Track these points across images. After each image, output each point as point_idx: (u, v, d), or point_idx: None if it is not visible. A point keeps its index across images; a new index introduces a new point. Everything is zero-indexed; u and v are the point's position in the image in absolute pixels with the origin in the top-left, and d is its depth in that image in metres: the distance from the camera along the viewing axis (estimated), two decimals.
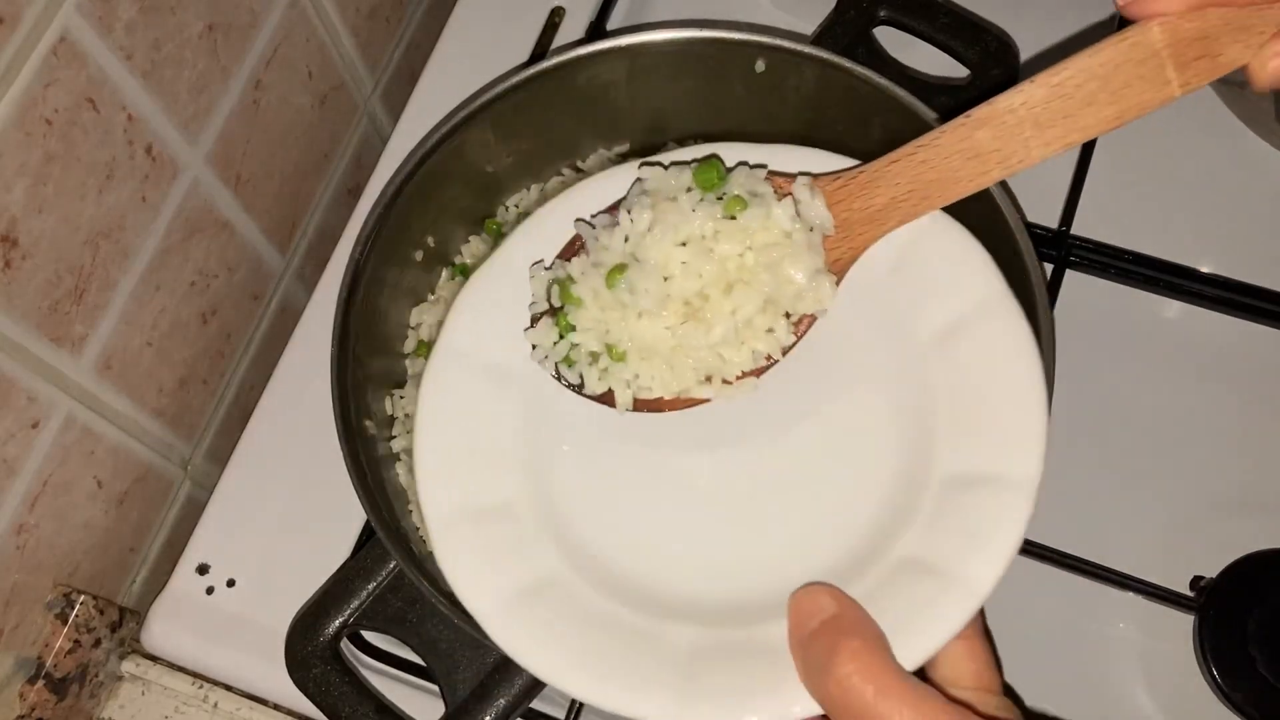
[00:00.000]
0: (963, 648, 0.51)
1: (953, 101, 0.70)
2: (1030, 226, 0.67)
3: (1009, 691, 0.67)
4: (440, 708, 0.62)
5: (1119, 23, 0.48)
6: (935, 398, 0.58)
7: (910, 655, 0.49)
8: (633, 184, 0.61)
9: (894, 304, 0.59)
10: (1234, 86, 0.78)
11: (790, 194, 0.57)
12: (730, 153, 0.61)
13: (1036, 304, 0.64)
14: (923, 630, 0.50)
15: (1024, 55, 0.72)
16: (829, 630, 0.48)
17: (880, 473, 0.58)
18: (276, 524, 0.73)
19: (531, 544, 0.58)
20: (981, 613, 0.52)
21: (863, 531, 0.57)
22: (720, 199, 0.57)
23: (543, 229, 0.62)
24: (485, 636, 0.54)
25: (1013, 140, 0.51)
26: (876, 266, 0.59)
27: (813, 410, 0.60)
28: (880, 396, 0.59)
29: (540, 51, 0.84)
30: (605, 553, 0.58)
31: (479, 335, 0.61)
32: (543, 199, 0.77)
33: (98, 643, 0.69)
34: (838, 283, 0.57)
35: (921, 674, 0.50)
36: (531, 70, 0.69)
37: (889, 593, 0.53)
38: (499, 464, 0.59)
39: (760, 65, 0.70)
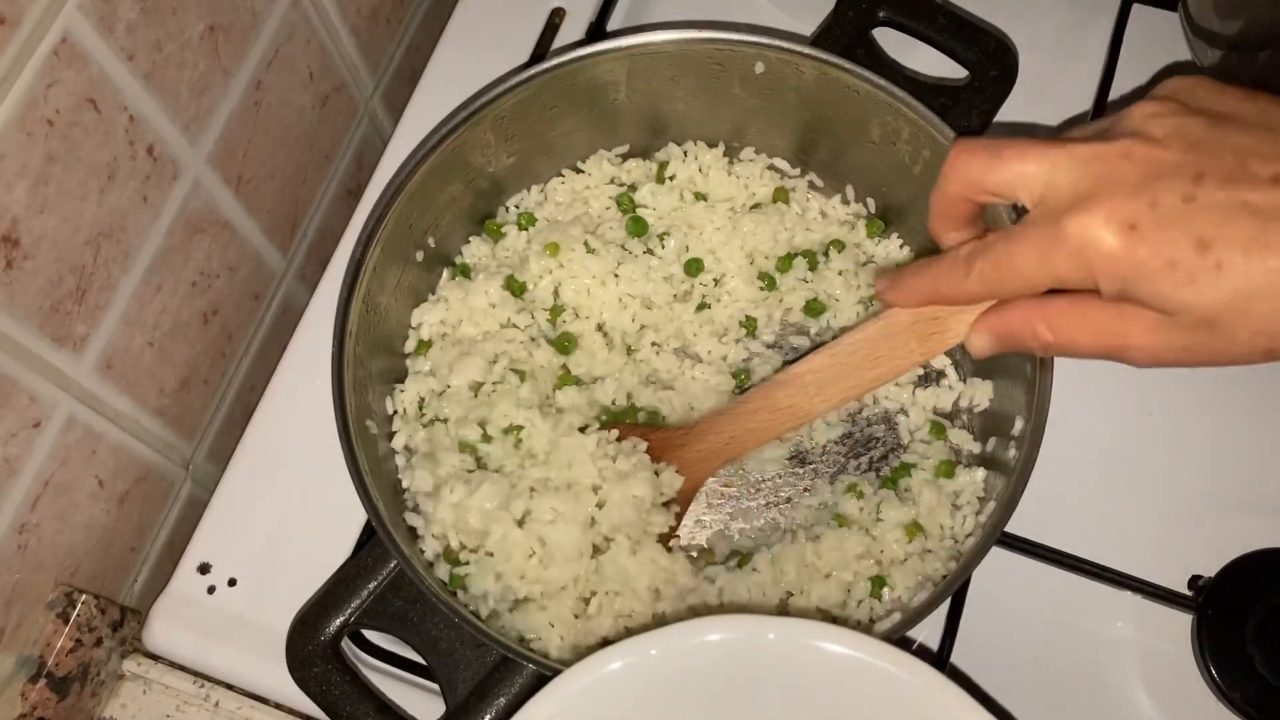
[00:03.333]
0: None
1: (951, 102, 0.71)
2: None
3: (1005, 692, 0.67)
4: (440, 707, 0.62)
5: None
6: None
7: None
8: None
9: None
10: None
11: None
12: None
13: None
14: None
15: (1022, 56, 0.72)
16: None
17: None
18: (277, 523, 0.73)
19: None
20: None
21: None
22: None
23: None
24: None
25: (802, 397, 0.65)
26: None
27: None
28: None
29: (540, 52, 0.84)
30: None
31: None
32: (543, 199, 0.77)
33: (99, 642, 0.70)
34: (680, 514, 0.69)
35: None
36: (531, 71, 0.69)
37: None
38: None
39: (760, 66, 0.70)
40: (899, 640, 0.61)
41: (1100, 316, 0.49)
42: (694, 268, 0.75)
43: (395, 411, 0.71)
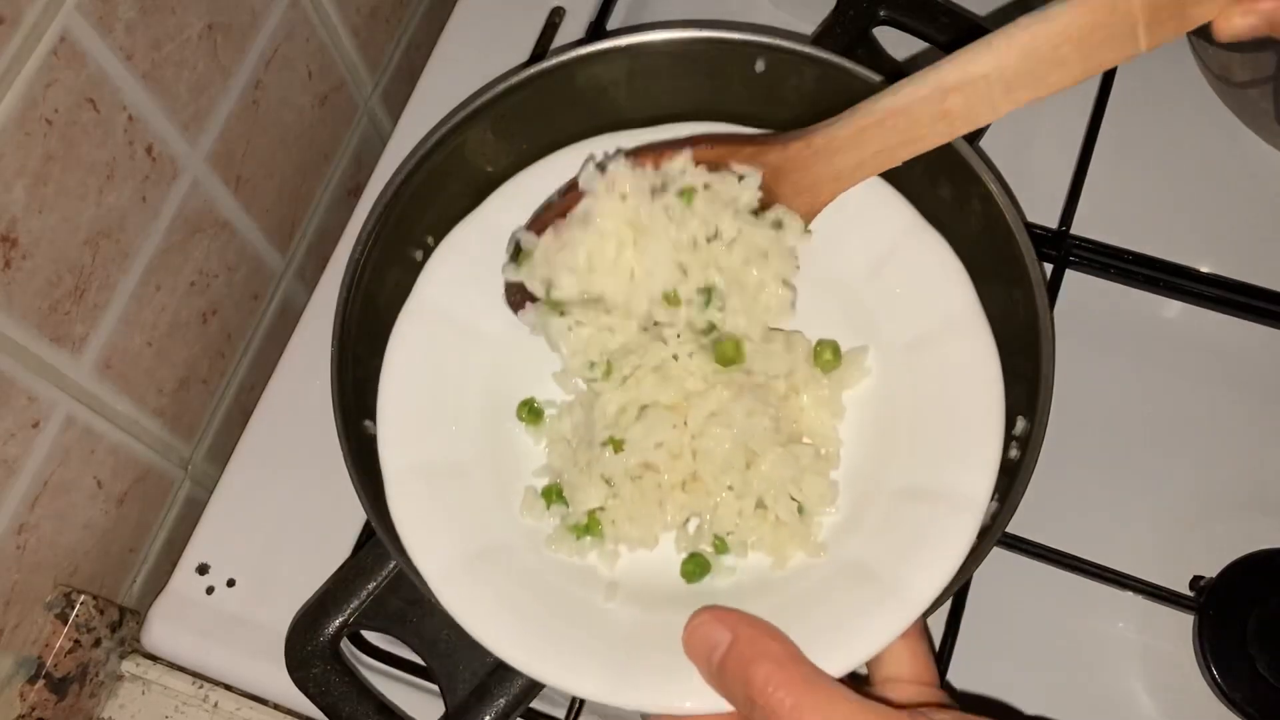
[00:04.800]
0: (902, 646, 0.52)
1: None
2: (1030, 226, 0.67)
3: (1005, 692, 0.67)
4: (440, 708, 0.62)
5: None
6: (896, 407, 0.58)
7: (846, 658, 0.50)
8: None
9: (867, 309, 0.60)
10: (1234, 87, 0.78)
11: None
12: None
13: (1037, 304, 0.64)
14: (859, 634, 0.51)
15: None
16: (733, 661, 0.48)
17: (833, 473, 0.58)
18: (276, 524, 0.73)
19: (485, 508, 0.58)
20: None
21: None
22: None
23: (522, 191, 0.62)
24: (431, 594, 0.54)
25: (981, 102, 0.53)
26: (855, 268, 0.59)
27: None
28: None
29: (540, 51, 0.84)
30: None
31: (453, 292, 0.62)
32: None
33: (98, 642, 0.69)
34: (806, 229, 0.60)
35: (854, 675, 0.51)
36: (531, 70, 0.69)
37: (830, 593, 0.53)
38: (460, 423, 0.60)
39: (760, 65, 0.70)
40: None
41: None
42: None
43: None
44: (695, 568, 0.58)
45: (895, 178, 0.70)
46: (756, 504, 0.58)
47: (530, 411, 0.62)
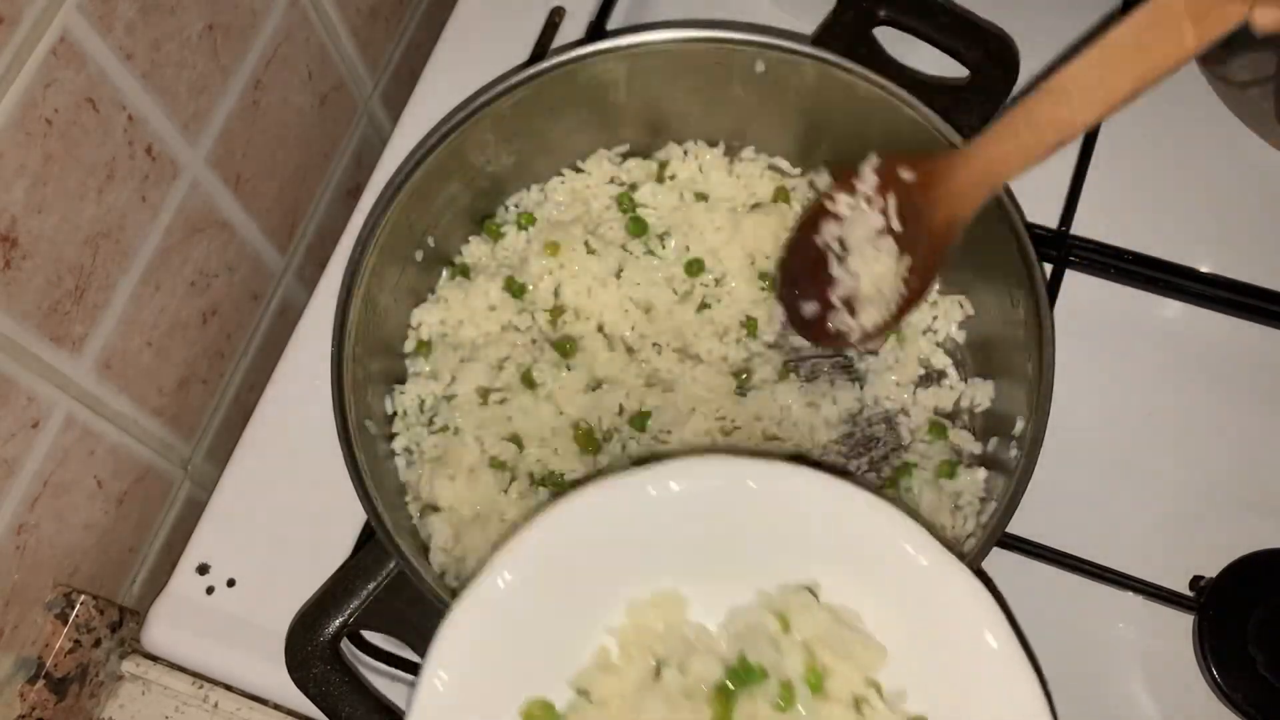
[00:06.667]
0: None
1: (953, 101, 0.71)
2: (1030, 227, 0.67)
3: None
4: None
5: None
6: None
7: None
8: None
9: None
10: (1234, 86, 0.78)
11: None
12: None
13: (1037, 304, 0.64)
14: None
15: (1024, 55, 0.72)
16: None
17: None
18: (276, 524, 0.73)
19: None
20: None
21: None
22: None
23: (529, 556, 0.55)
24: None
25: (1065, 108, 0.59)
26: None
27: None
28: None
29: (540, 51, 0.84)
30: None
31: (462, 693, 0.54)
32: (543, 199, 0.77)
33: (98, 642, 0.69)
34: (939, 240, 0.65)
35: None
36: (531, 70, 0.69)
37: None
38: None
39: (760, 65, 0.70)
40: None
41: None
42: (695, 268, 0.74)
43: (395, 413, 0.71)
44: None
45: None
46: None
47: None
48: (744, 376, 0.73)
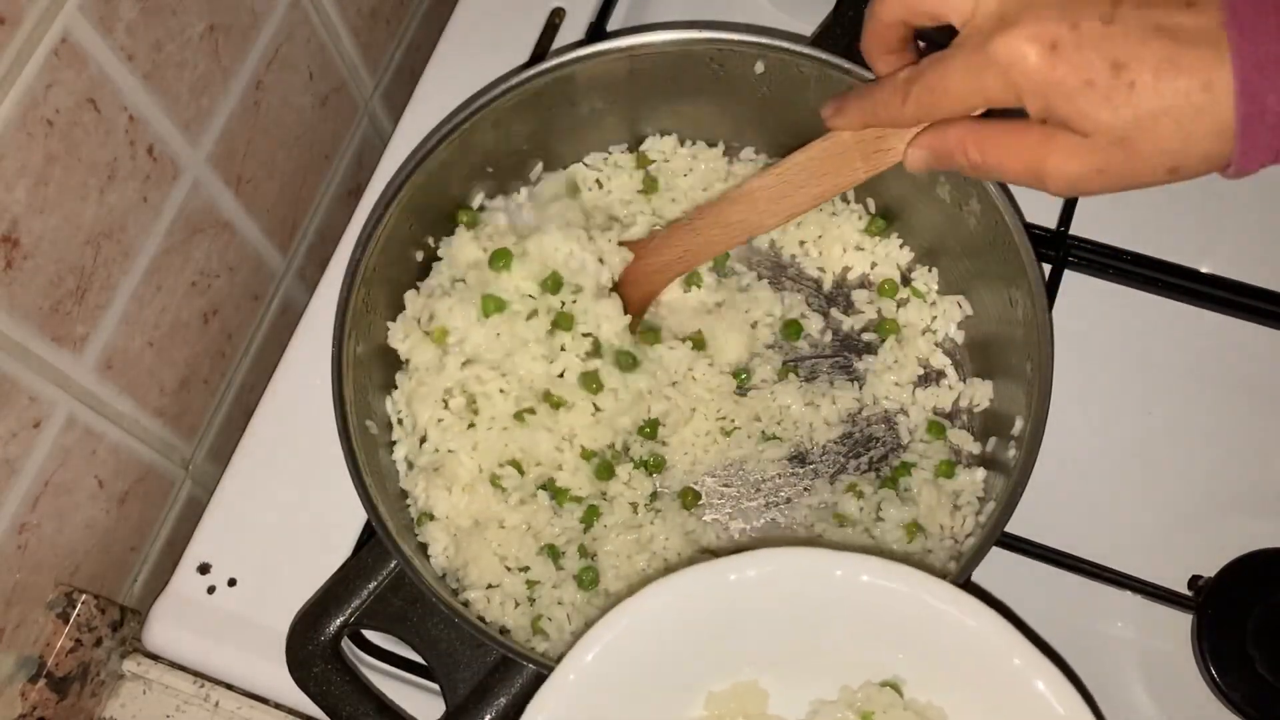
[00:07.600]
0: None
1: None
2: (1029, 227, 0.67)
3: None
4: (440, 707, 0.62)
5: None
6: None
7: None
8: None
9: None
10: None
11: None
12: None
13: (1036, 304, 0.64)
14: None
15: None
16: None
17: None
18: (277, 523, 0.73)
19: None
20: None
21: None
22: None
23: (610, 645, 0.54)
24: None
25: (752, 213, 0.66)
26: None
27: None
28: None
29: (540, 52, 0.84)
30: None
31: None
32: (543, 199, 0.77)
33: (99, 642, 0.70)
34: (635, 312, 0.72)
35: None
36: (531, 71, 0.69)
37: None
38: None
39: (760, 66, 0.70)
40: None
41: (1026, 139, 0.51)
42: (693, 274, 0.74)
43: (395, 420, 0.70)
44: None
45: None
46: None
47: None
48: (744, 376, 0.73)
